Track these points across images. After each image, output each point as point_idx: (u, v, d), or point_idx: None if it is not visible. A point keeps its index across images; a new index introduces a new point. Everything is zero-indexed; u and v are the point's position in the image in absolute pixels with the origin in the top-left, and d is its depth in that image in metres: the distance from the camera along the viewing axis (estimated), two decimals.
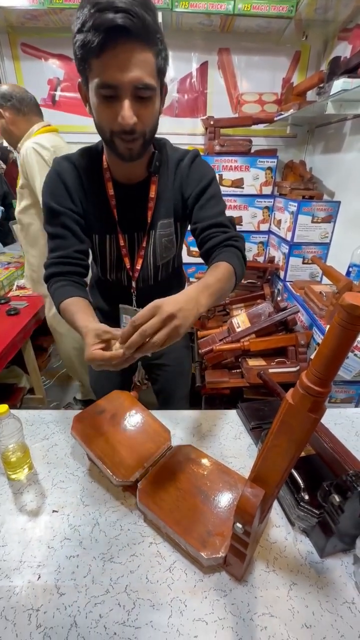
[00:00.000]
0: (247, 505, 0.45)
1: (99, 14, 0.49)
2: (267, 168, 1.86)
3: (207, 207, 0.74)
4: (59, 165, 0.72)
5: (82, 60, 0.55)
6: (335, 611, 0.50)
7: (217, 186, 0.77)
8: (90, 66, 0.55)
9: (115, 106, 0.56)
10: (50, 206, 0.71)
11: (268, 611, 0.50)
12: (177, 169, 0.76)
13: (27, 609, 0.49)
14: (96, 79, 0.55)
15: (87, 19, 0.50)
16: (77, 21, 0.52)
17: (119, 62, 0.53)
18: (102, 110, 0.58)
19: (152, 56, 0.55)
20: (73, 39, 0.55)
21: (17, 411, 0.84)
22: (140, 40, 0.52)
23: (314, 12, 1.52)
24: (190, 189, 0.75)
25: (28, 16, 1.67)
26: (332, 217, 1.64)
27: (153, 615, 0.49)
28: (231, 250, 0.71)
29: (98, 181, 0.72)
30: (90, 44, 0.51)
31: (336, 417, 0.89)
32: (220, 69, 1.92)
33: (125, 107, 0.56)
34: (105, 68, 0.53)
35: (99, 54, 0.52)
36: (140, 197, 0.74)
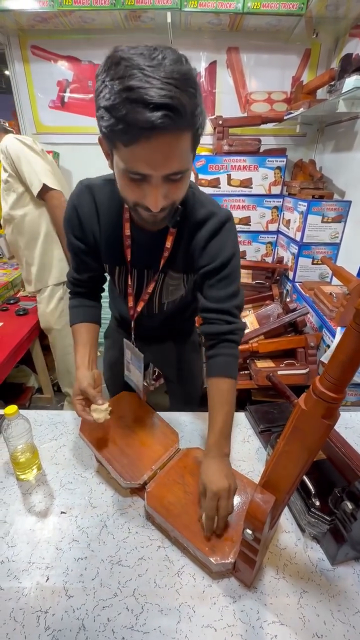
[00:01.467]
0: (258, 511, 0.45)
1: (132, 106, 0.41)
2: (276, 167, 1.84)
3: (217, 288, 0.68)
4: (79, 194, 0.68)
5: (107, 137, 0.49)
6: (347, 621, 0.49)
7: (235, 264, 0.68)
8: (116, 147, 0.48)
9: (143, 187, 0.50)
10: (67, 234, 0.74)
11: (278, 619, 0.49)
12: (196, 232, 0.67)
13: (36, 611, 0.49)
14: (124, 163, 0.48)
15: (117, 104, 0.42)
16: (104, 93, 0.44)
17: (152, 157, 0.46)
18: (128, 188, 0.52)
19: (189, 138, 0.48)
20: (97, 104, 0.47)
21: (26, 411, 0.84)
22: (178, 130, 0.45)
23: (325, 9, 1.50)
24: (203, 261, 0.68)
25: (38, 19, 1.68)
26: (342, 217, 1.61)
27: (161, 620, 0.48)
28: (230, 350, 0.69)
29: (116, 218, 0.68)
30: (120, 134, 0.45)
31: (347, 420, 0.87)
32: (229, 68, 1.91)
33: (157, 195, 0.50)
34: (135, 160, 0.47)
35: (128, 145, 0.45)
36: (155, 245, 0.69)
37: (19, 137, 1.41)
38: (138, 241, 0.70)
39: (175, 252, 0.70)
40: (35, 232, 1.51)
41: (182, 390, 1.05)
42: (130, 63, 0.42)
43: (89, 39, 1.84)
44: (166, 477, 0.64)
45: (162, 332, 0.92)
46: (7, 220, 1.51)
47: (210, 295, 0.69)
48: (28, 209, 1.47)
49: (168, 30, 1.67)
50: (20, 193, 1.44)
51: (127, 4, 1.54)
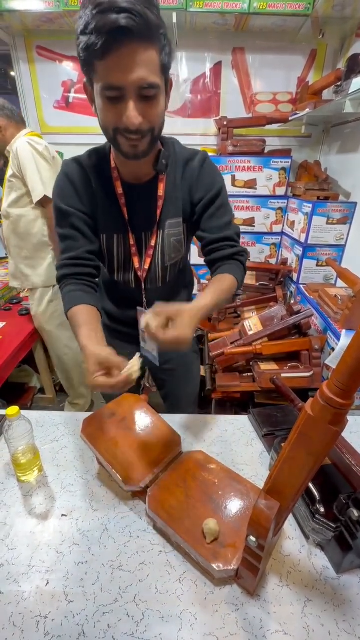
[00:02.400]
0: (262, 518, 0.44)
1: (101, 15, 0.48)
2: (280, 168, 1.83)
3: (216, 217, 0.74)
4: (67, 167, 0.72)
5: (86, 63, 0.55)
6: (353, 632, 0.47)
7: (226, 194, 0.77)
8: (94, 68, 0.54)
9: (120, 107, 0.56)
10: (59, 207, 0.71)
11: (282, 628, 0.48)
12: (185, 168, 0.74)
13: (36, 616, 0.48)
14: (101, 81, 0.54)
15: (89, 21, 0.49)
16: (80, 22, 0.51)
17: (122, 64, 0.52)
18: (107, 111, 0.57)
19: (156, 53, 0.54)
20: (77, 40, 0.54)
21: (28, 412, 0.84)
22: (144, 39, 0.51)
23: (332, 9, 1.49)
24: (199, 194, 0.74)
25: (44, 19, 1.69)
26: (348, 219, 1.60)
27: (163, 627, 0.47)
28: (236, 264, 0.76)
29: (106, 181, 0.72)
30: (94, 47, 0.50)
31: (351, 425, 0.86)
32: (234, 68, 1.90)
33: (130, 108, 0.55)
34: (109, 70, 0.53)
35: (102, 57, 0.51)
36: (148, 196, 0.73)
37: (33, 141, 1.41)
38: (131, 197, 0.72)
39: (169, 197, 0.73)
40: (29, 234, 1.52)
41: (180, 392, 1.04)
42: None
43: None
44: (168, 480, 0.63)
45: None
46: (4, 216, 1.53)
47: (211, 225, 0.74)
48: (25, 210, 1.48)
49: (173, 30, 1.67)
50: (20, 194, 1.46)
51: None
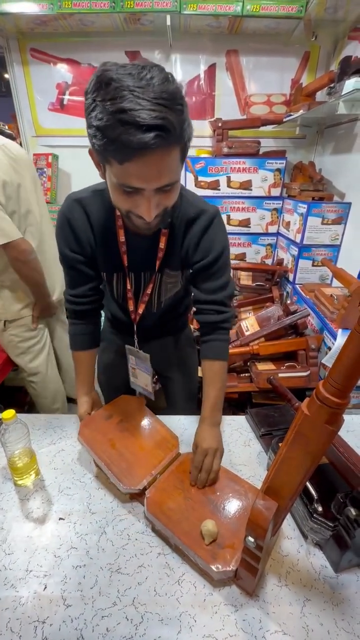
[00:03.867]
0: (260, 518, 0.44)
1: (125, 128, 0.43)
2: (275, 169, 1.84)
3: (210, 280, 0.74)
4: (69, 208, 0.69)
5: (99, 153, 0.50)
6: (352, 630, 0.47)
7: (225, 258, 0.74)
8: (110, 162, 0.50)
9: (136, 198, 0.53)
10: (60, 249, 0.73)
11: (281, 629, 0.48)
12: (187, 230, 0.71)
13: (33, 621, 0.48)
14: (117, 178, 0.51)
15: (109, 125, 0.44)
16: (95, 113, 0.45)
17: (145, 172, 0.49)
18: (120, 199, 0.54)
19: (179, 151, 0.51)
20: (87, 122, 0.49)
21: (24, 415, 0.83)
22: (169, 146, 0.48)
23: (324, 11, 1.50)
24: (197, 257, 0.72)
25: (37, 22, 1.69)
26: (342, 219, 1.61)
27: (162, 630, 0.47)
28: (221, 337, 0.78)
29: (109, 227, 0.70)
30: (113, 152, 0.47)
31: (348, 423, 0.86)
32: (228, 70, 1.91)
33: (150, 206, 0.53)
34: (129, 175, 0.49)
35: (122, 162, 0.48)
36: (149, 246, 0.72)
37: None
38: (133, 246, 0.72)
39: (170, 251, 0.73)
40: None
41: (181, 386, 1.05)
42: (120, 84, 0.43)
43: (89, 41, 1.84)
44: (166, 482, 0.63)
45: (160, 328, 0.93)
46: None
47: (204, 287, 0.75)
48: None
49: (167, 33, 1.67)
50: None
51: (126, 6, 1.54)
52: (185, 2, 1.53)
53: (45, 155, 2.01)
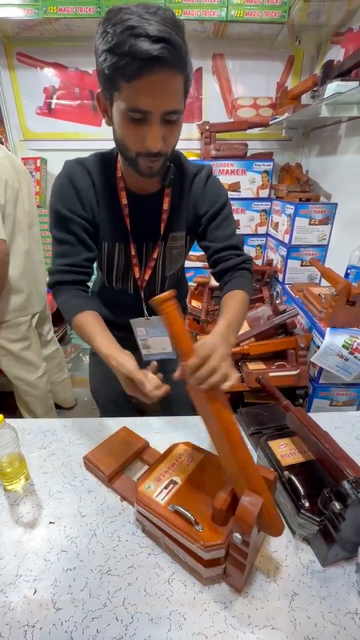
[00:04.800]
0: (245, 514, 0.44)
1: (135, 40, 0.46)
2: (263, 171, 1.86)
3: (222, 228, 0.75)
4: (71, 168, 0.69)
5: (109, 80, 0.52)
6: (338, 622, 0.48)
7: (230, 206, 0.78)
8: (118, 87, 0.52)
9: (142, 129, 0.55)
10: (58, 211, 0.68)
11: (269, 623, 0.48)
12: (192, 183, 0.75)
13: (23, 625, 0.48)
14: (125, 101, 0.52)
15: (120, 42, 0.47)
16: (106, 38, 0.49)
17: (152, 91, 0.51)
18: (129, 132, 0.56)
19: (182, 80, 0.53)
20: (98, 53, 0.52)
21: (13, 420, 0.83)
22: (175, 67, 0.50)
23: (307, 17, 1.54)
24: (205, 207, 0.75)
25: (23, 26, 1.69)
26: (329, 219, 1.64)
27: (151, 629, 0.47)
28: (244, 274, 0.77)
29: (111, 189, 0.70)
30: (124, 69, 0.49)
31: (337, 420, 0.88)
32: (214, 74, 1.94)
33: (155, 133, 0.54)
34: (137, 94, 0.51)
35: (131, 80, 0.50)
36: (153, 208, 0.73)
37: None
38: (135, 209, 0.71)
39: (174, 211, 0.73)
40: None
41: (178, 391, 1.03)
42: (129, 10, 0.48)
43: (75, 46, 1.85)
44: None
45: None
46: None
47: (217, 235, 0.75)
48: None
49: None
50: None
51: None
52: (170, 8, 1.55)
53: (34, 159, 2.01)
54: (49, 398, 1.61)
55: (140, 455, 0.73)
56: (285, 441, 0.71)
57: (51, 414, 1.64)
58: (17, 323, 1.36)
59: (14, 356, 1.41)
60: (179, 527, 0.52)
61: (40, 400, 1.55)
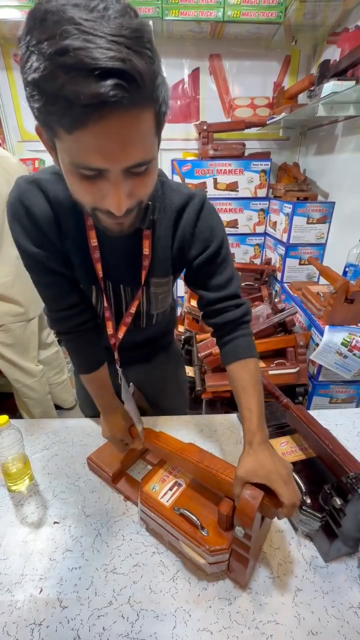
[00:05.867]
0: (247, 507, 0.45)
1: (71, 76, 0.30)
2: (261, 171, 1.87)
3: (218, 274, 0.62)
4: (26, 195, 0.51)
5: (42, 122, 0.37)
6: (341, 617, 0.49)
7: (227, 244, 0.63)
8: (57, 134, 0.36)
9: (98, 185, 0.39)
10: (26, 250, 0.54)
11: (273, 619, 0.49)
12: (178, 220, 0.58)
13: (30, 624, 0.48)
14: (69, 156, 0.37)
15: (48, 75, 0.31)
16: (30, 62, 0.32)
17: (105, 145, 0.35)
18: (79, 187, 0.40)
19: (152, 116, 0.37)
20: (24, 83, 0.34)
21: (17, 421, 0.83)
22: (137, 105, 0.34)
23: (303, 17, 1.54)
24: (196, 250, 0.60)
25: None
26: (327, 218, 1.65)
27: (157, 626, 0.48)
28: (247, 333, 0.65)
29: (77, 223, 0.54)
30: (58, 116, 0.33)
31: (336, 417, 0.88)
32: (212, 74, 1.94)
33: (117, 194, 0.39)
34: (83, 150, 0.35)
35: (72, 131, 0.34)
36: (130, 253, 0.58)
37: None
38: (108, 251, 0.57)
39: (157, 255, 0.59)
40: None
41: (170, 406, 0.94)
42: (60, 17, 0.30)
43: None
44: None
45: (146, 349, 0.80)
46: None
47: (213, 284, 0.62)
48: None
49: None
50: None
51: None
52: (167, 8, 1.56)
53: (32, 160, 2.01)
54: (48, 400, 1.61)
55: (143, 456, 0.74)
56: (286, 439, 0.72)
57: (50, 415, 1.64)
58: (12, 328, 1.36)
59: (8, 360, 1.40)
60: (185, 531, 0.52)
61: (39, 402, 1.55)
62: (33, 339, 1.47)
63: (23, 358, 1.43)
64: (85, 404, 0.92)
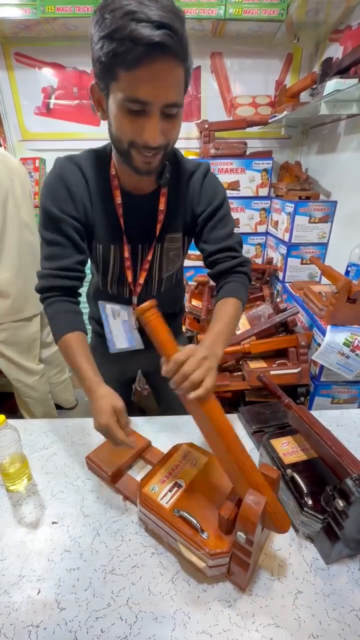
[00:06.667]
0: (249, 513, 0.44)
1: (136, 24, 0.44)
2: (262, 170, 1.86)
3: (218, 228, 0.72)
4: (62, 167, 0.65)
5: (106, 68, 0.49)
6: (342, 620, 0.48)
7: (228, 205, 0.75)
8: (116, 75, 0.49)
9: (141, 121, 0.52)
10: (49, 210, 0.65)
11: (274, 621, 0.48)
12: (189, 182, 0.72)
13: (27, 625, 0.48)
14: (123, 91, 0.49)
15: (119, 27, 0.44)
16: (104, 24, 0.46)
17: (153, 80, 0.48)
18: (126, 123, 0.53)
19: (183, 73, 0.51)
20: (94, 40, 0.49)
21: (15, 420, 0.83)
22: (176, 57, 0.48)
23: (305, 14, 1.53)
24: (202, 206, 0.72)
25: (21, 26, 1.68)
26: (329, 217, 1.64)
27: (156, 628, 0.47)
28: (239, 278, 0.74)
29: (104, 188, 0.67)
30: (123, 55, 0.46)
31: (338, 418, 0.88)
32: (213, 73, 1.93)
33: (154, 126, 0.52)
34: (137, 83, 0.48)
35: (131, 68, 0.47)
36: (148, 209, 0.70)
37: None
38: (130, 209, 0.68)
39: (171, 211, 0.71)
40: None
41: (174, 395, 1.01)
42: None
43: (73, 45, 1.84)
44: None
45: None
46: None
47: (213, 237, 0.73)
48: None
49: None
50: None
51: None
52: None
53: (32, 160, 2.00)
54: (49, 399, 1.61)
55: (142, 455, 0.73)
56: (288, 439, 0.71)
57: (51, 414, 1.64)
58: (13, 326, 1.35)
59: (9, 359, 1.40)
60: (184, 534, 0.52)
61: (40, 402, 1.54)
62: (35, 337, 1.46)
63: (24, 357, 1.43)
64: None
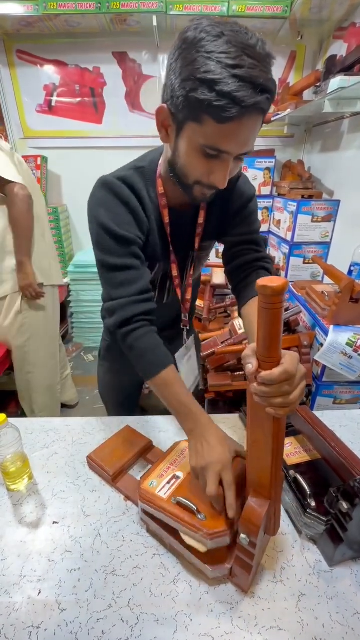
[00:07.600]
0: (252, 515, 0.44)
1: (238, 83, 0.42)
2: (265, 168, 1.85)
3: (245, 224, 0.71)
4: (116, 187, 0.61)
5: (191, 107, 0.47)
6: (346, 623, 0.48)
7: (255, 204, 0.73)
8: (201, 120, 0.47)
9: (213, 164, 0.52)
10: (115, 233, 0.61)
11: (276, 624, 0.48)
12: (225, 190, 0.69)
13: (28, 626, 0.47)
14: (205, 138, 0.49)
15: (221, 80, 0.42)
16: (197, 64, 0.43)
17: (239, 135, 0.48)
18: (198, 164, 0.53)
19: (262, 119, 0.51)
20: (176, 73, 0.46)
21: (16, 419, 0.82)
22: (264, 114, 0.48)
23: (309, 11, 1.52)
24: (232, 204, 0.70)
25: (23, 23, 1.68)
26: (332, 216, 1.63)
27: (157, 630, 0.47)
28: (263, 274, 0.70)
29: (153, 207, 0.66)
30: (219, 110, 0.44)
31: (341, 419, 0.87)
32: None
33: (226, 173, 0.52)
34: (222, 136, 0.48)
35: (222, 122, 0.45)
36: (189, 223, 0.70)
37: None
38: (175, 226, 0.68)
39: (208, 222, 0.71)
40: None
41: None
42: (226, 37, 0.42)
43: (75, 42, 1.84)
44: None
45: (176, 327, 0.85)
46: None
47: (237, 231, 0.71)
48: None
49: (154, 33, 1.68)
50: None
51: (112, 7, 1.54)
52: (171, 3, 1.54)
53: (34, 157, 2.00)
54: (57, 391, 1.63)
55: (144, 455, 0.73)
56: (290, 440, 0.70)
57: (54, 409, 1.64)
58: (46, 290, 1.41)
59: (37, 329, 1.44)
60: (182, 518, 0.51)
61: (47, 389, 1.56)
62: (57, 309, 1.54)
63: (50, 329, 1.49)
64: (109, 390, 0.99)
